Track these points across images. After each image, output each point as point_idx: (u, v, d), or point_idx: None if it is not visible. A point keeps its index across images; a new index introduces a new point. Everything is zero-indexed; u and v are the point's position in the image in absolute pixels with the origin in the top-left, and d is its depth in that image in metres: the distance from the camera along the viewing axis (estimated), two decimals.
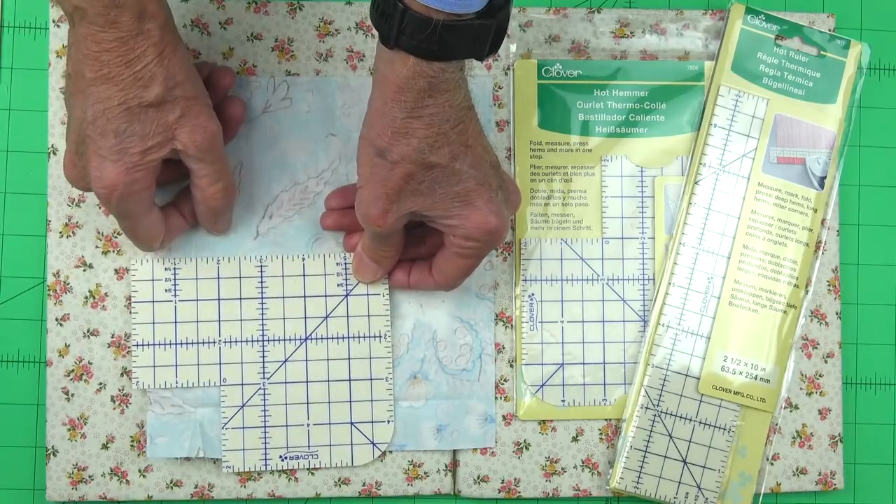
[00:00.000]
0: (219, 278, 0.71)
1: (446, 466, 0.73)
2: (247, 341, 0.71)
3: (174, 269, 0.71)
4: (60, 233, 0.72)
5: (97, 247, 0.72)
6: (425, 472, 0.73)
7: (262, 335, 0.71)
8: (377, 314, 0.72)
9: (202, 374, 0.71)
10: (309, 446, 0.71)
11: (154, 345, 0.71)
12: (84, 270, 0.72)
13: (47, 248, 0.72)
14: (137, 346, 0.71)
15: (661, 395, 0.73)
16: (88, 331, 0.72)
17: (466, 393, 0.73)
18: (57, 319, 0.72)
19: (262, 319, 0.72)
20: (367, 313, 0.72)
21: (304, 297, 0.72)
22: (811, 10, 0.78)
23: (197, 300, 0.71)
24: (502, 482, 0.74)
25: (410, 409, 0.73)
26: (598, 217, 0.75)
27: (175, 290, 0.71)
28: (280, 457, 0.71)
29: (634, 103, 0.75)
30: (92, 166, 0.62)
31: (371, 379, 0.72)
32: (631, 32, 0.76)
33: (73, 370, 0.72)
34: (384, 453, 0.73)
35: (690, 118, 0.76)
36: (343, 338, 0.72)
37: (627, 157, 0.75)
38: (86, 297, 0.72)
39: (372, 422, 0.72)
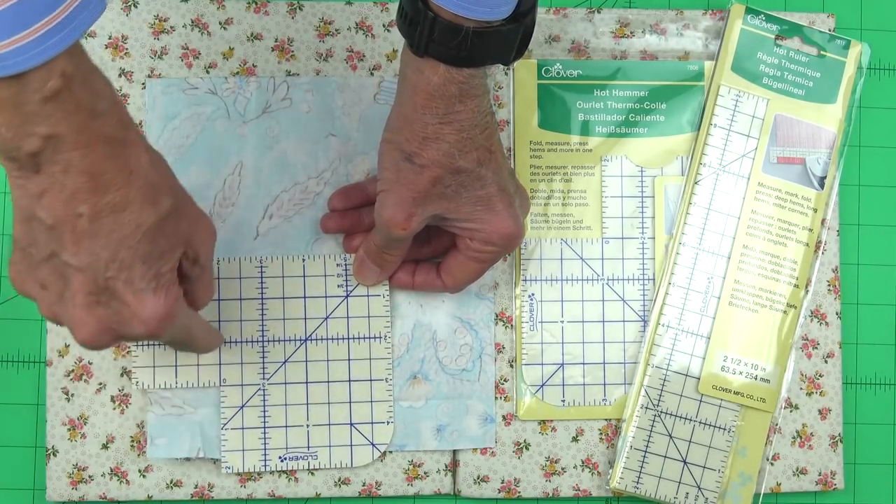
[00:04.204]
0: (218, 279, 0.71)
1: (446, 466, 0.73)
2: (247, 342, 0.71)
3: None
4: None
5: None
6: (425, 472, 0.73)
7: (262, 336, 0.71)
8: (377, 315, 0.72)
9: (202, 375, 0.71)
10: (308, 447, 0.71)
11: (153, 345, 0.71)
12: None
13: None
14: (137, 346, 0.71)
15: (661, 395, 0.73)
16: None
17: (466, 393, 0.73)
18: None
19: (262, 320, 0.71)
20: (367, 314, 0.72)
21: (305, 297, 0.72)
22: (811, 10, 0.78)
23: None
24: (502, 482, 0.74)
25: (410, 409, 0.73)
26: (598, 217, 0.75)
27: None
28: (279, 457, 0.71)
29: (634, 103, 0.75)
30: (128, 306, 0.52)
31: (371, 380, 0.72)
32: (631, 32, 0.76)
33: (73, 370, 0.72)
34: (384, 453, 0.73)
35: (690, 118, 0.76)
36: (343, 339, 0.72)
37: (627, 157, 0.75)
38: None
39: (371, 423, 0.72)
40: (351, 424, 0.72)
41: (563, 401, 0.74)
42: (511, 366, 0.74)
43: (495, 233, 0.64)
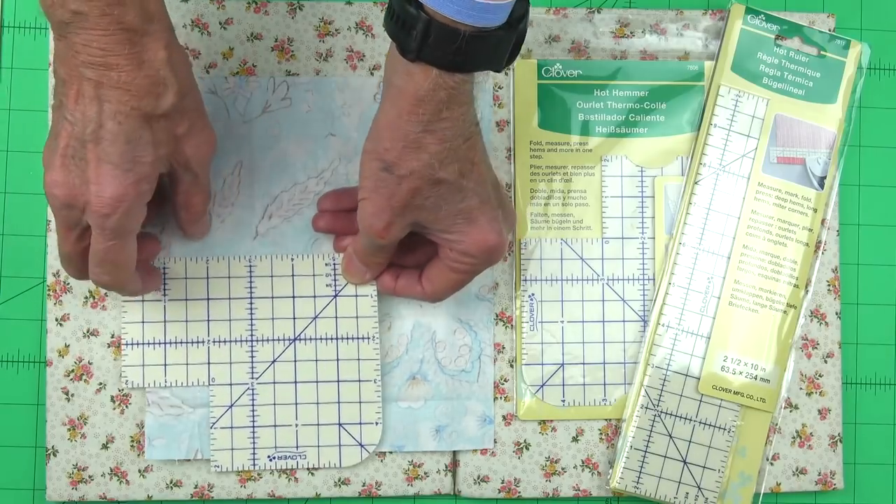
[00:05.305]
0: (208, 278, 0.71)
1: (446, 467, 0.73)
2: (236, 341, 0.71)
3: (164, 268, 0.71)
4: None
5: None
6: (425, 473, 0.73)
7: (251, 335, 0.71)
8: (365, 315, 0.72)
9: (191, 374, 0.71)
10: (297, 447, 0.71)
11: (143, 344, 0.71)
12: None
13: (47, 248, 0.72)
14: (127, 345, 0.71)
15: (661, 395, 0.73)
16: (88, 331, 0.72)
17: (465, 394, 0.73)
18: (57, 319, 0.72)
19: (251, 319, 0.71)
20: (355, 314, 0.72)
21: (293, 297, 0.72)
22: (811, 10, 0.78)
23: (186, 299, 0.71)
24: (502, 482, 0.74)
25: (409, 410, 0.73)
26: (598, 217, 0.75)
27: (164, 289, 0.71)
28: (268, 457, 0.71)
29: (634, 103, 0.75)
30: (93, 175, 0.58)
31: (359, 381, 0.72)
32: (631, 32, 0.76)
33: (73, 370, 0.72)
34: (384, 454, 0.73)
35: (690, 118, 0.76)
36: (332, 339, 0.72)
37: (627, 157, 0.75)
38: (86, 297, 0.72)
39: (360, 423, 0.71)
40: (339, 425, 0.71)
41: (563, 401, 0.74)
42: (511, 366, 0.74)
43: (474, 245, 0.64)
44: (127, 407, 0.72)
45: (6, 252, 0.73)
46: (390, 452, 0.73)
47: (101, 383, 0.72)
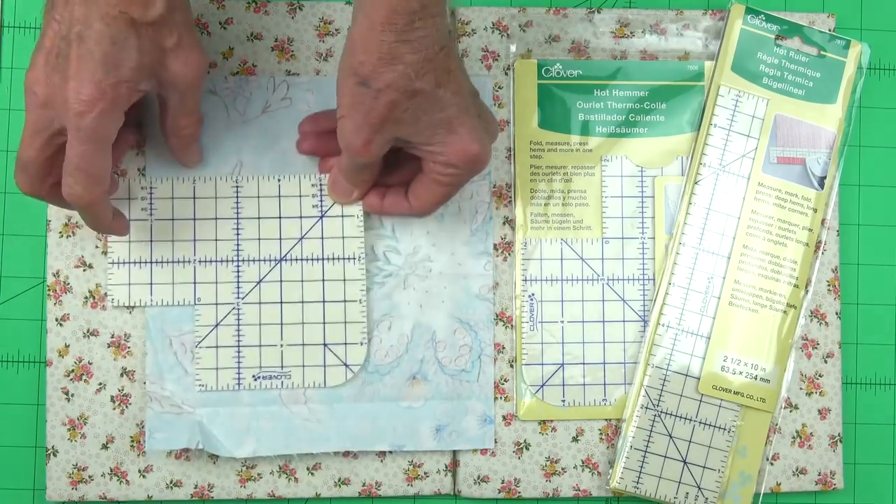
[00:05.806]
0: (195, 198, 0.71)
1: (446, 467, 0.73)
2: (221, 261, 0.71)
3: (150, 188, 0.71)
4: (60, 233, 0.72)
5: (97, 247, 0.72)
6: (425, 473, 0.73)
7: (237, 255, 0.71)
8: (351, 235, 0.71)
9: (177, 293, 0.70)
10: (282, 366, 0.71)
11: (130, 263, 0.70)
12: (84, 270, 0.72)
13: (47, 248, 0.72)
14: (113, 263, 0.70)
15: (661, 395, 0.73)
16: (88, 331, 0.72)
17: (465, 394, 0.73)
18: (57, 319, 0.72)
19: (238, 240, 0.71)
20: (341, 235, 0.71)
21: (280, 217, 0.71)
22: (811, 10, 0.78)
23: (172, 219, 0.71)
24: (502, 482, 0.74)
25: (409, 410, 0.73)
26: (598, 217, 0.75)
27: (151, 209, 0.71)
28: (253, 376, 0.70)
29: (634, 103, 0.75)
30: (73, 73, 0.58)
31: (345, 301, 0.71)
32: (631, 32, 0.76)
33: (73, 370, 0.72)
34: (384, 454, 0.73)
35: (690, 118, 0.76)
36: (317, 259, 0.71)
37: (627, 157, 0.75)
38: (86, 297, 0.72)
39: (345, 343, 0.71)
40: (325, 345, 0.71)
41: (564, 401, 0.74)
42: (511, 366, 0.74)
43: (455, 155, 0.63)
44: (127, 407, 0.72)
45: (6, 252, 0.73)
46: (390, 452, 0.73)
47: (101, 383, 0.72)
